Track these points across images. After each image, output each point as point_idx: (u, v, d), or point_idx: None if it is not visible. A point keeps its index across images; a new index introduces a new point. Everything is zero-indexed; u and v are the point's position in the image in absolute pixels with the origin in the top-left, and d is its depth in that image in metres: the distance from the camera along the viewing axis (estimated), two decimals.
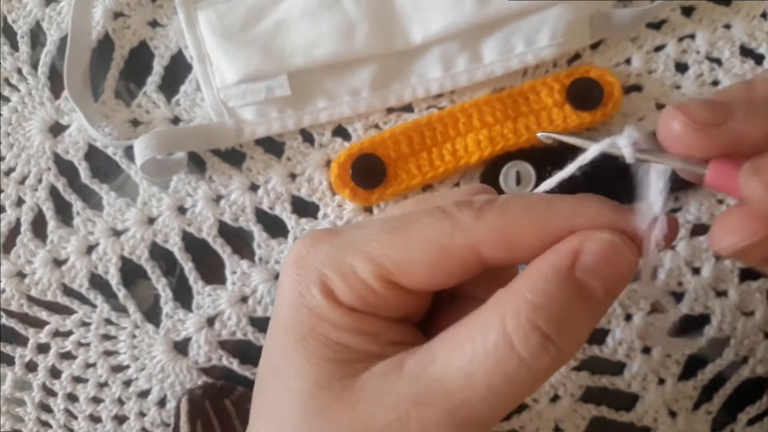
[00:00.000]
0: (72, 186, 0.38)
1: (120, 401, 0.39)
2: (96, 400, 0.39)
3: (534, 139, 0.36)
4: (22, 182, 0.38)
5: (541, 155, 0.36)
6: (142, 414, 0.39)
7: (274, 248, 0.38)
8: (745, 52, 0.37)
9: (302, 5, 0.35)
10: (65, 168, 0.38)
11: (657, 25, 0.38)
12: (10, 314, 0.39)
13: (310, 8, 0.35)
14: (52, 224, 0.38)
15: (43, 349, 0.39)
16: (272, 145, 0.38)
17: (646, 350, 0.38)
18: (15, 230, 0.38)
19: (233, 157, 0.38)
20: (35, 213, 0.38)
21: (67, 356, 0.39)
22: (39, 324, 0.39)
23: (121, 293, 0.38)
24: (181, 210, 0.38)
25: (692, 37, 0.38)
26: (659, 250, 0.20)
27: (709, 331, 0.37)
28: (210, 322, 0.38)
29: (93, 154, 0.38)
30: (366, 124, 0.38)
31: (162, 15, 0.38)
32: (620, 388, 0.38)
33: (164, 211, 0.38)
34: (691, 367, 0.38)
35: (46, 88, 0.38)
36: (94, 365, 0.39)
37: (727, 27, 0.37)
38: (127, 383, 0.39)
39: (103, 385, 0.39)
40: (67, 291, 0.38)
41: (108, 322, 0.39)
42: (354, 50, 0.36)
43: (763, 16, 0.37)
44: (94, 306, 0.38)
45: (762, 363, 0.38)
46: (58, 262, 0.38)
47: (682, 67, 0.38)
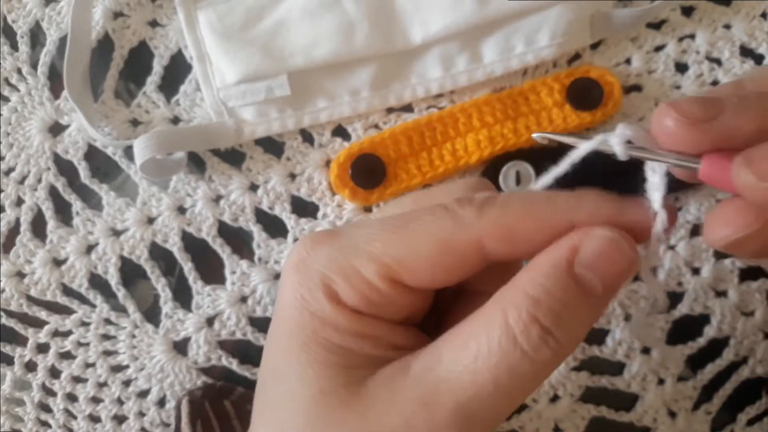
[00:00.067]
0: (71, 186, 0.38)
1: (119, 401, 0.39)
2: (95, 400, 0.39)
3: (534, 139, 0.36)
4: (21, 182, 0.38)
5: (540, 155, 0.36)
6: (141, 414, 0.39)
7: (273, 248, 0.38)
8: (745, 52, 0.37)
9: (302, 5, 0.35)
10: (65, 168, 0.38)
11: (657, 25, 0.38)
12: (10, 314, 0.39)
13: (310, 8, 0.35)
14: (51, 224, 0.38)
15: (42, 348, 0.39)
16: (272, 145, 0.38)
17: (646, 350, 0.38)
18: (14, 230, 0.38)
19: (233, 157, 0.38)
20: (35, 213, 0.38)
21: (67, 356, 0.39)
22: (38, 324, 0.39)
23: (121, 293, 0.38)
24: (181, 210, 0.38)
25: (692, 37, 0.38)
26: (661, 243, 0.20)
27: (709, 331, 0.37)
28: (209, 322, 0.38)
29: (93, 154, 0.38)
30: (366, 124, 0.38)
31: (162, 15, 0.38)
32: (620, 388, 0.38)
33: (164, 211, 0.38)
34: (690, 367, 0.38)
35: (45, 88, 0.38)
36: (93, 365, 0.39)
37: (727, 27, 0.37)
38: (127, 383, 0.39)
39: (102, 385, 0.39)
40: (67, 291, 0.38)
41: (107, 321, 0.39)
42: (354, 50, 0.36)
43: (763, 16, 0.37)
44: (93, 306, 0.38)
45: (762, 363, 0.38)
46: (58, 262, 0.38)
47: (682, 67, 0.38)
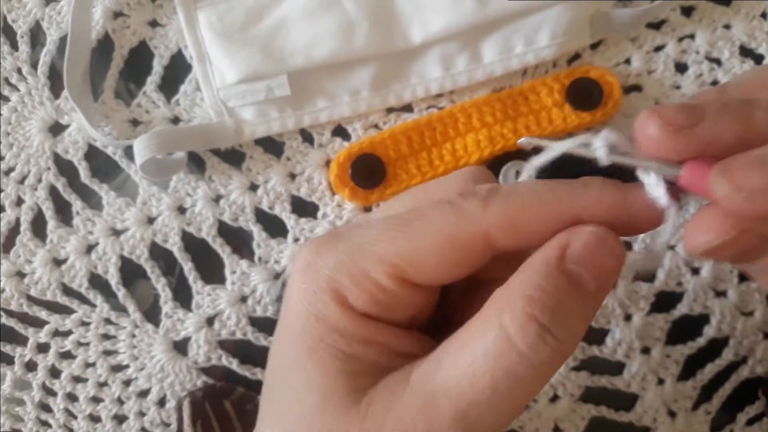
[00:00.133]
0: (72, 186, 0.38)
1: (119, 401, 0.39)
2: (95, 400, 0.39)
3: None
4: (21, 182, 0.38)
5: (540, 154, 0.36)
6: (141, 413, 0.39)
7: (273, 248, 0.38)
8: (745, 52, 0.37)
9: (302, 5, 0.35)
10: (65, 168, 0.38)
11: (657, 25, 0.38)
12: (10, 314, 0.39)
13: (310, 8, 0.35)
14: (51, 224, 0.38)
15: (42, 348, 0.39)
16: (272, 145, 0.38)
17: (646, 350, 0.38)
18: (15, 230, 0.38)
19: (233, 157, 0.38)
20: (35, 213, 0.38)
21: (67, 356, 0.39)
22: (38, 323, 0.39)
23: (121, 293, 0.38)
24: (181, 210, 0.38)
25: (692, 37, 0.38)
26: (670, 239, 0.20)
27: (709, 331, 0.37)
28: (209, 321, 0.38)
29: (93, 154, 0.38)
30: (366, 124, 0.38)
31: (162, 15, 0.38)
32: (620, 388, 0.38)
33: (164, 210, 0.38)
34: (690, 367, 0.38)
35: (45, 88, 0.38)
36: (93, 365, 0.39)
37: (727, 27, 0.37)
38: (127, 383, 0.39)
39: (102, 385, 0.39)
40: (67, 291, 0.38)
41: (107, 321, 0.39)
42: (354, 50, 0.36)
43: (763, 16, 0.37)
44: (93, 306, 0.38)
45: (762, 363, 0.38)
46: (58, 262, 0.38)
47: (681, 67, 0.38)
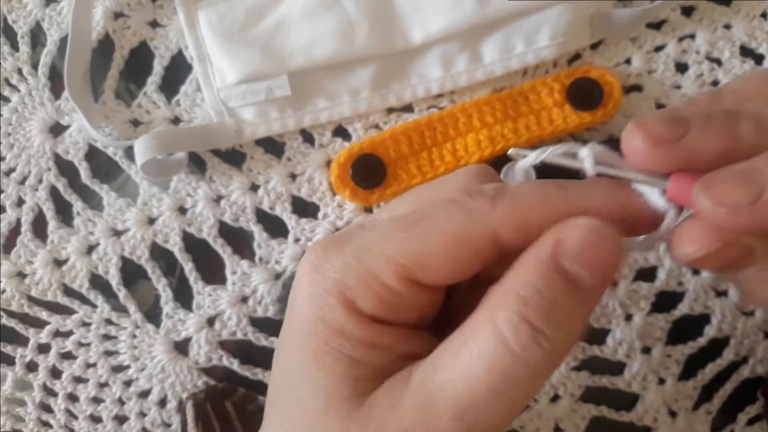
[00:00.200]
0: (72, 186, 0.38)
1: (120, 401, 0.39)
2: (96, 400, 0.39)
3: (534, 139, 0.36)
4: (22, 182, 0.38)
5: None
6: (142, 414, 0.39)
7: (274, 248, 0.38)
8: (745, 52, 0.37)
9: (302, 5, 0.35)
10: (65, 168, 0.38)
11: (657, 25, 0.38)
12: (11, 314, 0.39)
13: (310, 8, 0.35)
14: (52, 224, 0.38)
15: (43, 349, 0.39)
16: (272, 146, 0.38)
17: (646, 350, 0.38)
18: (15, 230, 0.38)
19: (233, 158, 0.38)
20: (35, 213, 0.38)
21: (68, 356, 0.39)
22: (39, 324, 0.39)
23: (122, 293, 0.38)
24: (182, 210, 0.38)
25: (692, 37, 0.38)
26: (663, 240, 0.20)
27: (709, 331, 0.37)
28: (210, 322, 0.38)
29: (93, 155, 0.38)
30: (366, 124, 0.38)
31: (162, 15, 0.38)
32: (620, 387, 0.38)
33: (164, 211, 0.38)
34: (691, 367, 0.38)
35: (46, 89, 0.38)
36: (94, 365, 0.39)
37: (727, 27, 0.37)
38: (128, 383, 0.39)
39: (103, 385, 0.39)
40: (68, 291, 0.38)
41: (108, 322, 0.39)
42: (354, 50, 0.36)
43: (763, 16, 0.37)
44: (94, 306, 0.38)
45: (762, 363, 0.38)
46: (59, 263, 0.38)
47: (682, 67, 0.38)
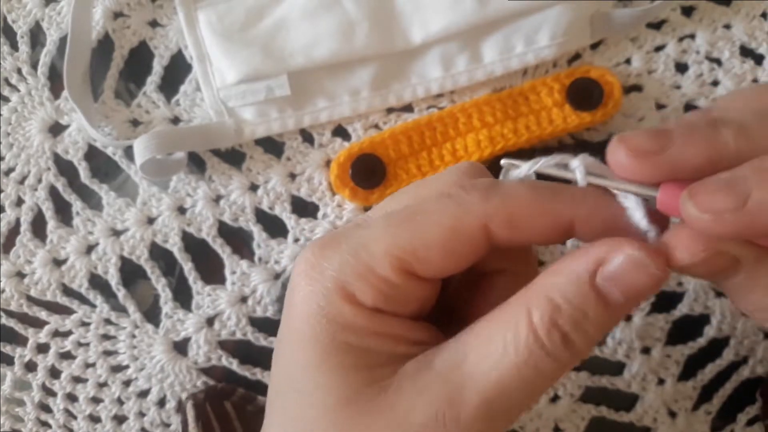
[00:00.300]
0: (72, 186, 0.38)
1: (119, 401, 0.39)
2: (95, 400, 0.39)
3: (534, 139, 0.36)
4: (21, 182, 0.38)
5: (540, 156, 0.36)
6: (141, 414, 0.39)
7: (273, 248, 0.38)
8: (745, 52, 0.37)
9: (302, 5, 0.35)
10: (65, 168, 0.38)
11: (657, 25, 0.38)
12: (10, 314, 0.39)
13: (310, 8, 0.35)
14: (51, 224, 0.38)
15: (42, 349, 0.39)
16: (272, 145, 0.38)
17: (646, 350, 0.38)
18: (15, 230, 0.38)
19: (233, 157, 0.38)
20: (35, 213, 0.38)
21: (67, 356, 0.39)
22: (38, 324, 0.39)
23: (121, 293, 0.38)
24: (181, 210, 0.38)
25: (692, 37, 0.38)
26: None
27: (709, 331, 0.37)
28: (209, 322, 0.38)
29: (93, 154, 0.38)
30: (366, 124, 0.38)
31: (162, 15, 0.38)
32: (620, 388, 0.38)
33: (164, 211, 0.38)
34: (690, 367, 0.38)
35: (45, 88, 0.38)
36: (93, 365, 0.39)
37: (727, 27, 0.37)
38: (127, 383, 0.39)
39: (102, 385, 0.39)
40: (67, 291, 0.38)
41: (107, 322, 0.39)
42: (354, 50, 0.36)
43: (763, 16, 0.37)
44: (93, 306, 0.38)
45: (762, 363, 0.38)
46: (58, 262, 0.38)
47: (682, 67, 0.38)
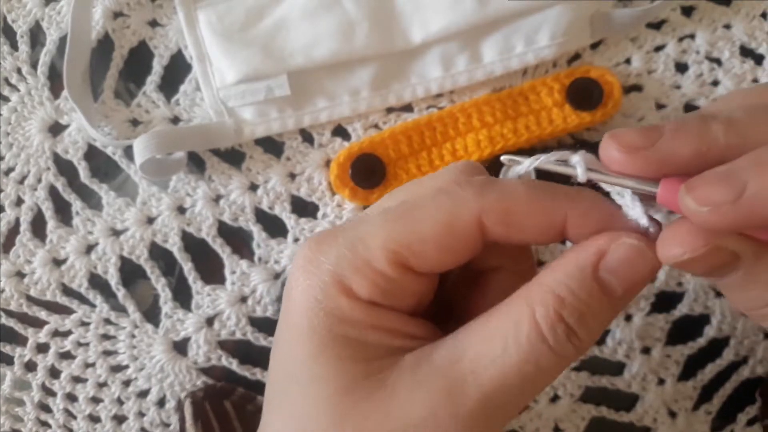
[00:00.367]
0: (71, 186, 0.38)
1: (119, 401, 0.39)
2: (95, 400, 0.39)
3: (534, 139, 0.36)
4: (21, 182, 0.38)
5: (541, 154, 0.36)
6: (141, 414, 0.39)
7: (273, 248, 0.38)
8: (745, 52, 0.37)
9: (302, 5, 0.35)
10: (65, 168, 0.38)
11: (657, 25, 0.38)
12: (10, 314, 0.39)
13: (310, 8, 0.35)
14: (51, 224, 0.38)
15: (42, 348, 0.39)
16: (272, 145, 0.38)
17: (646, 350, 0.38)
18: (14, 230, 0.38)
19: (233, 157, 0.38)
20: (34, 213, 0.38)
21: (67, 356, 0.39)
22: (38, 324, 0.39)
23: (121, 293, 0.38)
24: (181, 210, 0.38)
25: (692, 37, 0.38)
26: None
27: (709, 331, 0.37)
28: (209, 322, 0.38)
29: (92, 154, 0.38)
30: (366, 124, 0.38)
31: (162, 15, 0.38)
32: (620, 388, 0.38)
33: (164, 210, 0.38)
34: (690, 367, 0.38)
35: (45, 88, 0.38)
36: (93, 365, 0.39)
37: (727, 27, 0.37)
38: (127, 383, 0.39)
39: (102, 385, 0.39)
40: (67, 291, 0.38)
41: (107, 321, 0.39)
42: (354, 50, 0.36)
43: (763, 16, 0.37)
44: (93, 306, 0.38)
45: (762, 363, 0.37)
46: (58, 262, 0.38)
47: (682, 67, 0.38)
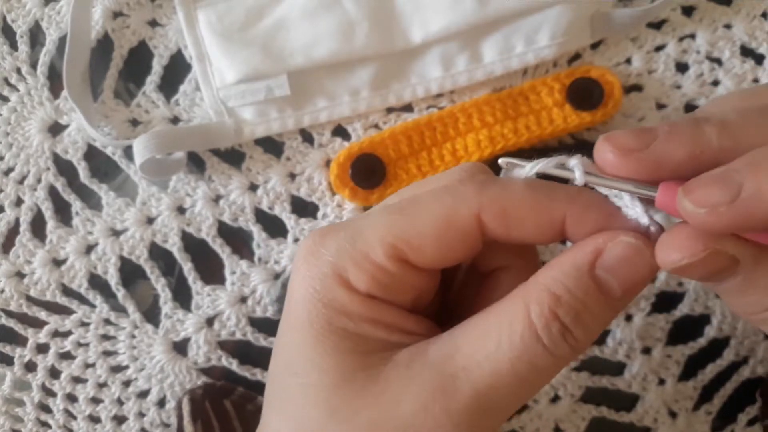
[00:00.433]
0: (71, 186, 0.38)
1: (119, 401, 0.39)
2: (95, 401, 0.39)
3: (534, 139, 0.36)
4: (21, 182, 0.38)
5: (540, 156, 0.36)
6: (141, 414, 0.39)
7: (273, 248, 0.38)
8: (746, 52, 0.37)
9: (302, 5, 0.35)
10: (64, 168, 0.38)
11: (657, 25, 0.38)
12: (10, 314, 0.39)
13: (310, 8, 0.35)
14: (51, 224, 0.38)
15: (42, 349, 0.39)
16: (272, 145, 0.38)
17: (646, 350, 0.38)
18: (14, 230, 0.38)
19: (233, 157, 0.38)
20: (34, 213, 0.38)
21: (67, 356, 0.39)
22: (38, 324, 0.39)
23: (121, 293, 0.38)
24: (181, 210, 0.38)
25: (692, 37, 0.38)
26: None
27: (709, 331, 0.37)
28: (209, 322, 0.38)
29: (92, 154, 0.38)
30: (366, 124, 0.38)
31: (161, 15, 0.38)
32: (620, 388, 0.38)
33: (163, 211, 0.38)
34: (691, 367, 0.38)
35: (45, 88, 0.38)
36: (93, 365, 0.39)
37: (728, 27, 0.37)
38: (127, 383, 0.39)
39: (102, 386, 0.39)
40: (67, 291, 0.38)
41: (107, 322, 0.39)
42: (354, 50, 0.36)
43: (764, 16, 0.37)
44: (93, 306, 0.38)
45: (762, 363, 0.37)
46: (58, 262, 0.38)
47: (682, 67, 0.38)
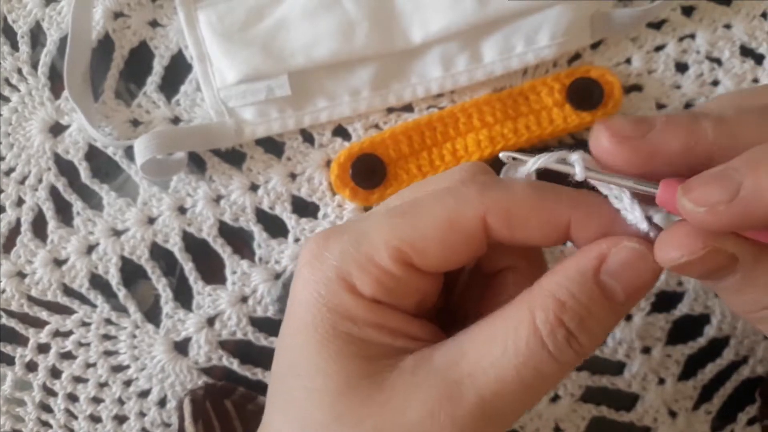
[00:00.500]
0: (72, 186, 0.38)
1: (120, 401, 0.39)
2: (96, 400, 0.39)
3: (534, 139, 0.36)
4: (22, 182, 0.38)
5: (540, 154, 0.36)
6: (142, 414, 0.39)
7: (274, 248, 0.38)
8: (746, 52, 0.37)
9: (302, 5, 0.35)
10: (65, 168, 0.38)
11: (657, 25, 0.38)
12: (11, 314, 0.39)
13: (310, 8, 0.35)
14: (52, 224, 0.38)
15: (43, 349, 0.39)
16: (272, 145, 0.38)
17: (646, 350, 0.38)
18: (15, 230, 0.38)
19: (233, 157, 0.38)
20: (35, 213, 0.38)
21: (68, 356, 0.39)
22: (39, 324, 0.39)
23: (122, 293, 0.38)
24: (182, 210, 0.38)
25: (692, 37, 0.38)
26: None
27: (709, 331, 0.37)
28: (210, 322, 0.38)
29: (93, 154, 0.38)
30: (366, 124, 0.38)
31: (162, 15, 0.38)
32: (620, 387, 0.38)
33: (164, 211, 0.38)
34: (691, 367, 0.38)
35: (46, 88, 0.38)
36: (94, 365, 0.39)
37: (728, 27, 0.37)
38: (128, 383, 0.39)
39: (103, 385, 0.39)
40: (68, 291, 0.38)
41: (108, 322, 0.39)
42: (354, 50, 0.36)
43: (764, 16, 0.37)
44: (94, 306, 0.38)
45: (762, 362, 0.38)
46: (59, 262, 0.38)
47: (682, 67, 0.38)
